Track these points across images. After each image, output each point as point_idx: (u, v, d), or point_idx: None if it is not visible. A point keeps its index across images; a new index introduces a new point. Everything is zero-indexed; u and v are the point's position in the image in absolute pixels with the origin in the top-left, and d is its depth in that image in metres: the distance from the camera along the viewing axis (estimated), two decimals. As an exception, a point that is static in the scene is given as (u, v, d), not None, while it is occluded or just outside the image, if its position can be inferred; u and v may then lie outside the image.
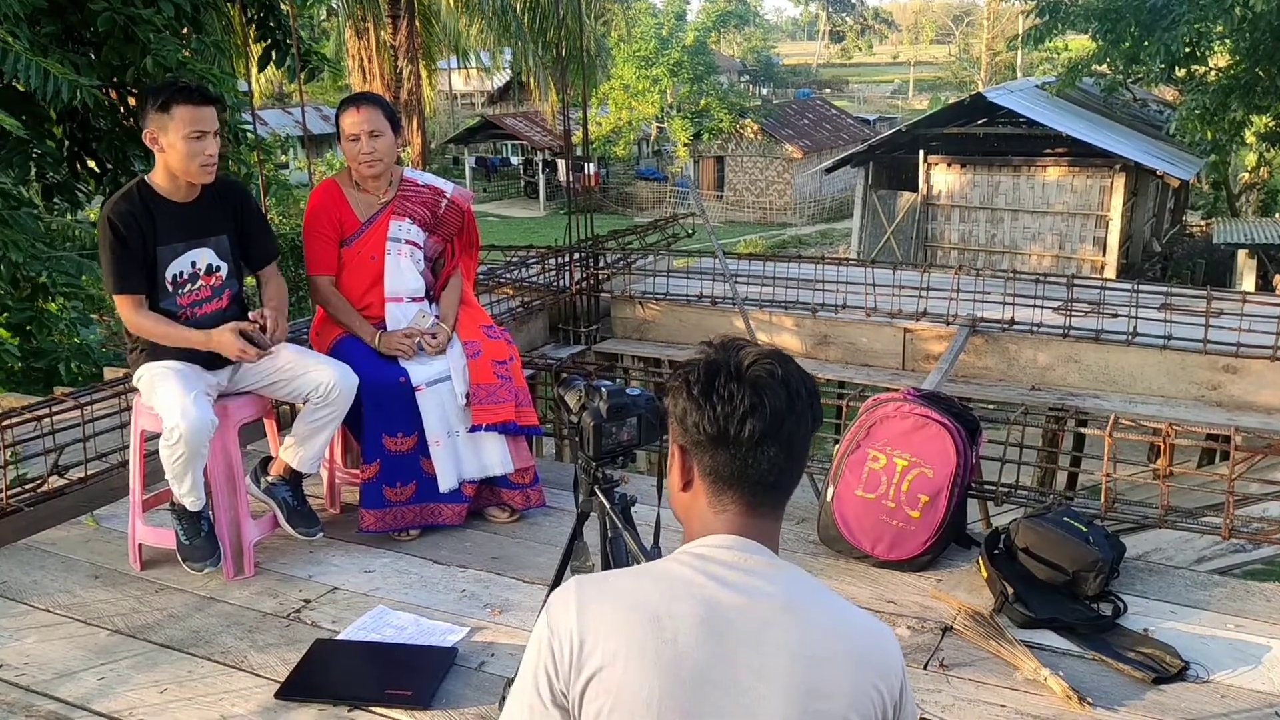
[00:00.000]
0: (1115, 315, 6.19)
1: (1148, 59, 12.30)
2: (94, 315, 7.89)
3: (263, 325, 2.97)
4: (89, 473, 3.67)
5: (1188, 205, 22.25)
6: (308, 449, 3.15)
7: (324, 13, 16.61)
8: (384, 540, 3.34)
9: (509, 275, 7.28)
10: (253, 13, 6.20)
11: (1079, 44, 18.49)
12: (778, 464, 1.29)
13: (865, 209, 20.22)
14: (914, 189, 19.07)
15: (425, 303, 3.53)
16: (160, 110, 2.82)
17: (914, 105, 51.36)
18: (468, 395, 3.36)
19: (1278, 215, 18.97)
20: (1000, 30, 46.18)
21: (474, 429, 3.36)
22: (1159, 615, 2.82)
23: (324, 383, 3.06)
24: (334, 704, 2.44)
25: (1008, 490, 3.57)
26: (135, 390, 3.09)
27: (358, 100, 3.40)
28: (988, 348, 6.30)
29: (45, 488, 3.59)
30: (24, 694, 2.50)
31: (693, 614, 1.23)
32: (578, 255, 7.36)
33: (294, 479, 3.25)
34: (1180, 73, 12.91)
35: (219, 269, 3.06)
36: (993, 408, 5.31)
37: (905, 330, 6.51)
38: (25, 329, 6.03)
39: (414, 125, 14.61)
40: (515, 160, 36.77)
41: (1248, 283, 15.27)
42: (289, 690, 2.49)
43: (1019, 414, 3.82)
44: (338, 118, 3.38)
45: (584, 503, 2.17)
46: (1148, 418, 5.04)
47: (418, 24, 14.35)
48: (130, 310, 2.92)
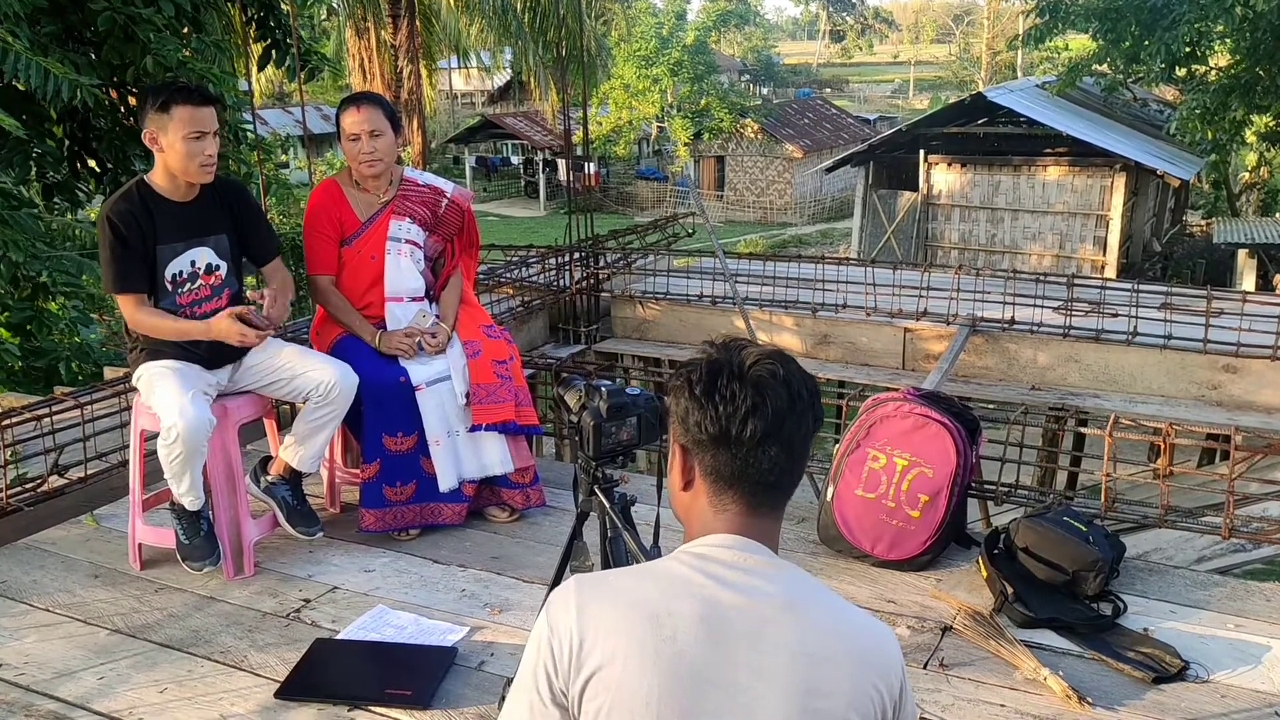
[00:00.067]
0: (1115, 315, 6.19)
1: (1148, 58, 12.29)
2: (94, 315, 7.88)
3: (261, 306, 2.94)
4: (89, 472, 3.67)
5: (1188, 205, 22.24)
6: (308, 448, 3.16)
7: (324, 12, 16.61)
8: (384, 540, 3.34)
9: (509, 275, 7.28)
10: (253, 12, 6.19)
11: (1079, 43, 18.52)
12: (779, 464, 1.29)
13: (865, 208, 20.22)
14: (914, 188, 19.07)
15: (425, 302, 3.53)
16: (160, 110, 2.82)
17: (914, 105, 51.35)
18: (468, 395, 3.36)
19: (1278, 215, 18.96)
20: (1000, 30, 46.16)
21: (474, 428, 3.36)
22: (1159, 615, 2.82)
23: (324, 382, 3.06)
24: (334, 703, 2.44)
25: (1008, 490, 3.57)
26: (135, 390, 3.09)
27: (358, 100, 3.40)
28: (988, 347, 6.30)
29: (45, 487, 3.59)
30: (24, 693, 2.50)
31: (692, 613, 1.23)
32: (578, 255, 7.36)
33: (294, 478, 3.25)
34: (1181, 72, 12.90)
35: (218, 268, 3.06)
36: (993, 407, 5.31)
37: (905, 330, 6.51)
38: (25, 328, 6.03)
39: (414, 125, 14.61)
40: (515, 160, 36.77)
41: (1248, 282, 15.27)
42: (289, 690, 2.49)
43: (1019, 414, 3.82)
44: (338, 117, 3.38)
45: (584, 502, 2.17)
46: (1148, 417, 5.04)
47: (418, 23, 14.35)
48: (132, 308, 2.92)
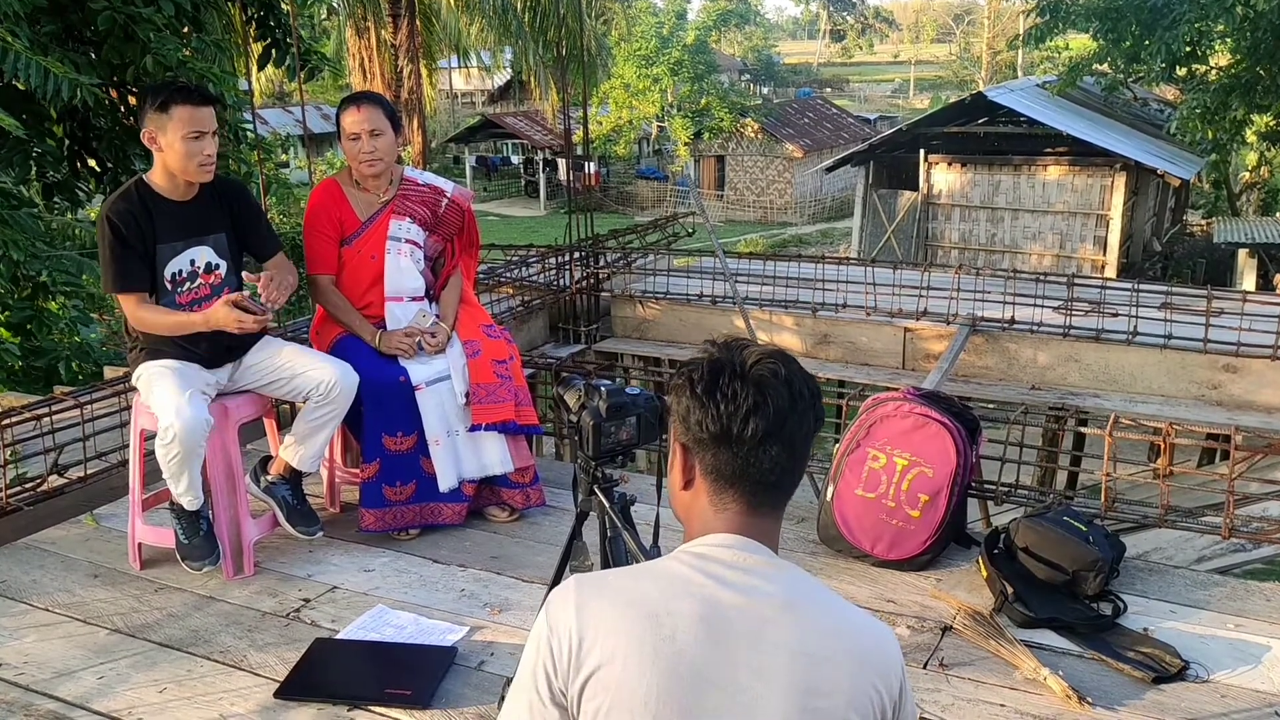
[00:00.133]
0: (1115, 314, 6.18)
1: (1148, 58, 12.29)
2: (94, 314, 7.88)
3: (257, 293, 2.92)
4: (89, 472, 3.67)
5: (1188, 204, 22.22)
6: (307, 448, 3.15)
7: (324, 12, 16.60)
8: (383, 539, 3.34)
9: (509, 274, 7.29)
10: (253, 11, 6.18)
11: (1080, 43, 18.50)
12: (779, 463, 1.29)
13: (866, 208, 20.22)
14: (914, 188, 19.05)
15: (425, 302, 3.52)
16: (159, 110, 2.82)
17: (915, 104, 51.33)
18: (467, 394, 3.36)
19: (1278, 214, 18.95)
20: (1001, 29, 46.15)
21: (474, 428, 3.36)
22: (1159, 615, 2.82)
23: (324, 381, 3.06)
24: (333, 703, 2.44)
25: (1008, 489, 3.57)
26: (135, 389, 3.09)
27: (358, 99, 3.40)
28: (988, 347, 6.30)
29: (45, 487, 3.59)
30: (23, 693, 2.50)
31: (692, 612, 1.23)
32: (578, 254, 7.36)
33: (294, 478, 3.25)
34: (1181, 72, 12.89)
35: (218, 267, 3.06)
36: (993, 407, 5.31)
37: (905, 329, 6.51)
38: (25, 328, 6.03)
39: (414, 124, 14.61)
40: (516, 159, 36.77)
41: (1248, 282, 15.27)
42: (288, 689, 2.49)
43: (1019, 413, 3.82)
44: (338, 116, 3.37)
45: (583, 502, 2.17)
46: (1148, 417, 5.04)
47: (418, 23, 14.35)
48: (133, 306, 2.92)
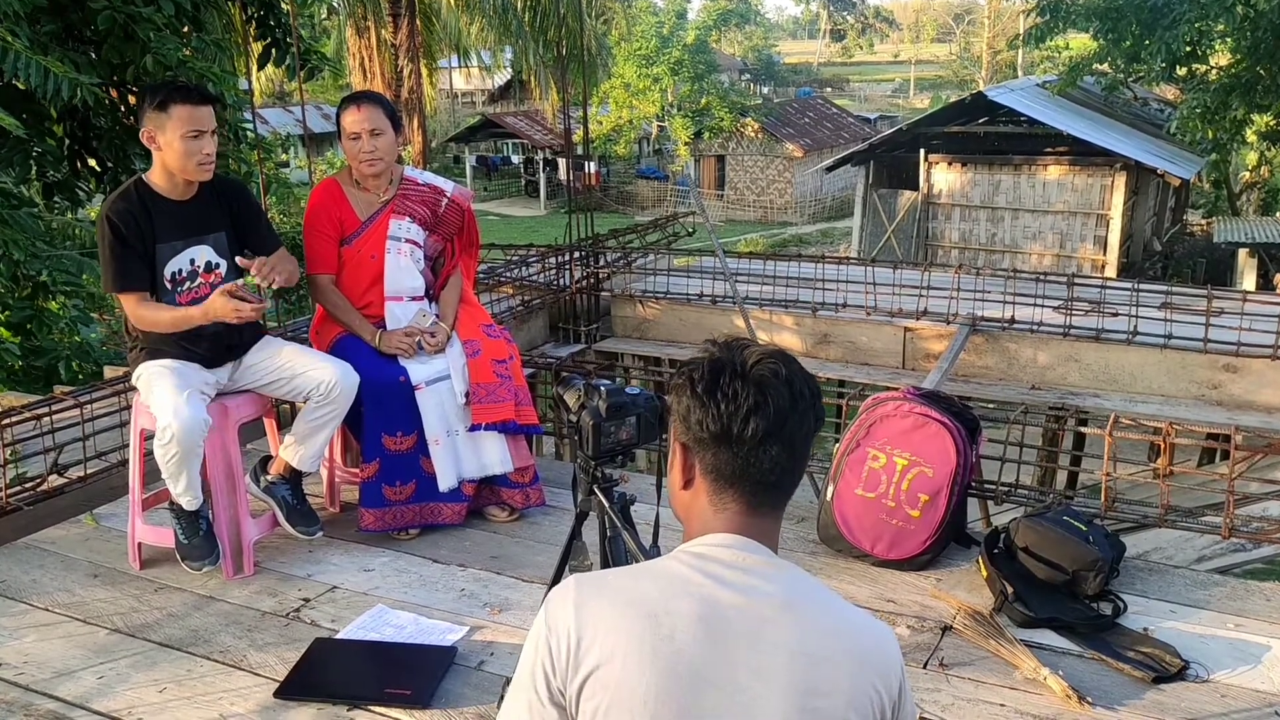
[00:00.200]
0: (1115, 314, 6.18)
1: (1149, 58, 12.28)
2: (94, 314, 7.88)
3: (252, 281, 2.90)
4: (88, 471, 3.67)
5: (1188, 204, 22.21)
6: (307, 448, 3.15)
7: (324, 11, 16.60)
8: (383, 539, 3.34)
9: (509, 274, 7.29)
10: (252, 11, 6.18)
11: (1080, 43, 18.50)
12: (780, 463, 1.29)
13: (866, 208, 20.21)
14: (915, 188, 19.05)
15: (425, 301, 3.52)
16: (157, 109, 2.82)
17: (915, 104, 51.32)
18: (467, 394, 3.36)
19: (1278, 214, 18.94)
20: (1001, 29, 46.14)
21: (473, 428, 3.36)
22: (1159, 614, 2.82)
23: (324, 381, 3.06)
24: (333, 703, 2.44)
25: (1008, 489, 3.57)
26: (135, 389, 3.09)
27: (359, 98, 3.40)
28: (988, 347, 6.30)
29: (45, 486, 3.59)
30: (23, 693, 2.50)
31: (691, 612, 1.23)
32: (578, 254, 7.36)
33: (294, 478, 3.25)
34: (1181, 71, 12.89)
35: (218, 266, 3.05)
36: (993, 407, 5.31)
37: (905, 329, 6.51)
38: (25, 327, 6.02)
39: (414, 124, 14.61)
40: (516, 159, 36.77)
41: (1248, 282, 15.27)
42: (288, 689, 2.49)
43: (1019, 413, 3.82)
44: (339, 116, 3.37)
45: (583, 502, 2.17)
46: (1148, 417, 5.04)
47: (418, 22, 14.35)
48: (133, 305, 2.92)
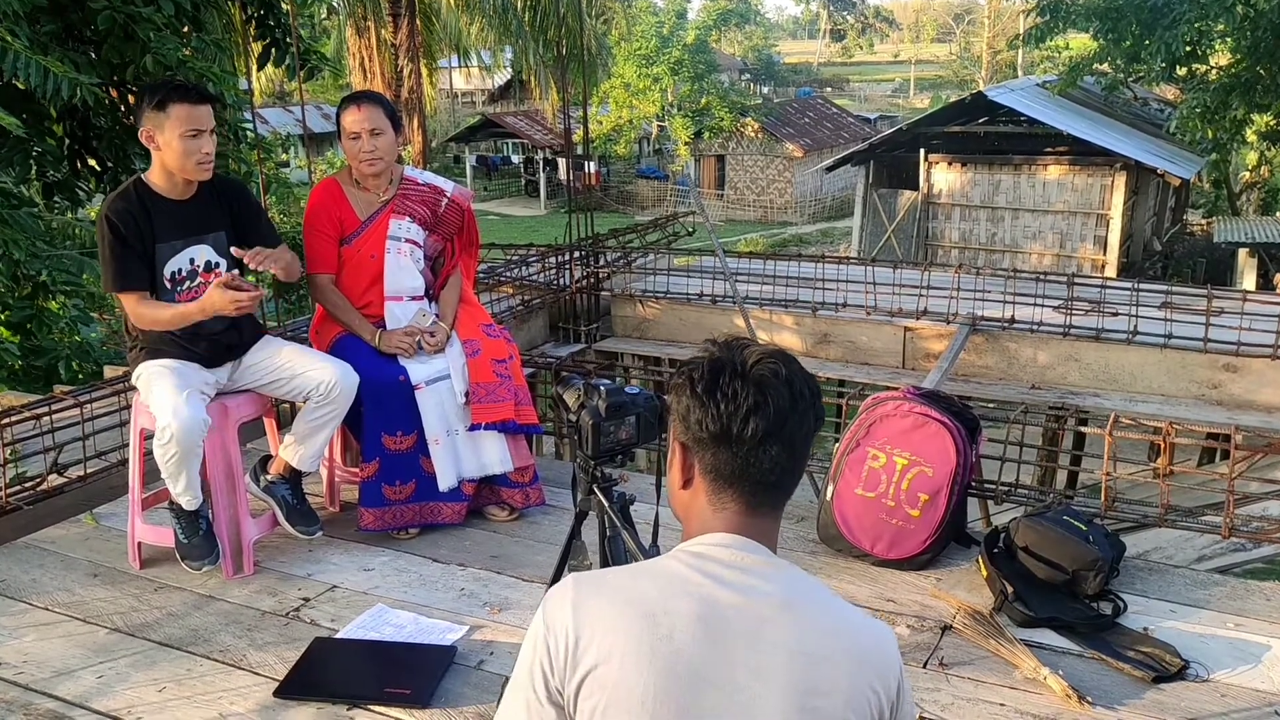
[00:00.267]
0: (1116, 314, 6.19)
1: (1149, 58, 12.28)
2: (94, 313, 7.88)
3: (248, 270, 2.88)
4: (88, 471, 3.67)
5: (1188, 204, 22.21)
6: (307, 447, 3.15)
7: (324, 11, 16.59)
8: (383, 539, 3.34)
9: (509, 274, 7.29)
10: (252, 11, 6.18)
11: (1080, 42, 18.48)
12: (779, 463, 1.29)
13: (866, 207, 20.21)
14: (915, 187, 19.04)
15: (425, 301, 3.52)
16: (156, 109, 2.82)
17: (915, 104, 51.31)
18: (467, 394, 3.35)
19: (1278, 214, 18.94)
20: (1001, 29, 46.12)
21: (473, 428, 3.35)
22: (1159, 614, 2.82)
23: (324, 381, 3.06)
24: (333, 702, 2.44)
25: (1007, 489, 3.57)
26: (134, 389, 3.09)
27: (359, 98, 3.39)
28: (988, 346, 6.30)
29: (44, 486, 3.59)
30: (23, 692, 2.50)
31: (689, 612, 1.23)
32: (578, 254, 7.36)
33: (293, 477, 3.25)
34: (1181, 71, 12.89)
35: (217, 265, 3.05)
36: (993, 406, 5.31)
37: (905, 329, 6.51)
38: (25, 327, 6.02)
39: (414, 124, 14.60)
40: (516, 159, 36.77)
41: (1248, 281, 15.27)
42: (288, 689, 2.49)
43: (1019, 413, 3.82)
44: (339, 116, 3.37)
45: (582, 502, 2.17)
46: (1148, 416, 5.04)
47: (418, 22, 14.34)
48: (133, 304, 2.92)
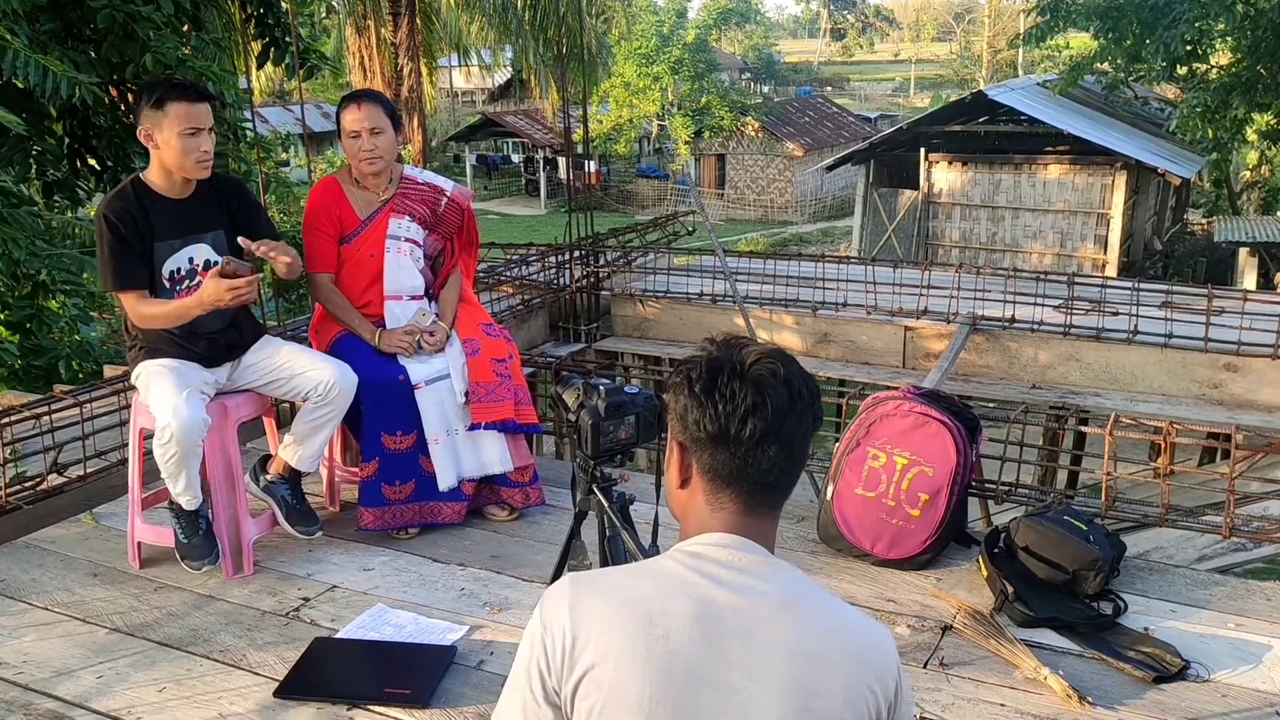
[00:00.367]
0: (1116, 313, 6.19)
1: (1149, 57, 12.27)
2: (94, 313, 7.88)
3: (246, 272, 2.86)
4: (88, 471, 3.67)
5: (1189, 203, 22.20)
6: (307, 447, 3.15)
7: (324, 10, 16.60)
8: (383, 538, 3.33)
9: (509, 273, 7.29)
10: (252, 9, 6.17)
11: (1080, 42, 18.49)
12: (777, 463, 1.28)
13: (866, 207, 20.21)
14: (915, 187, 19.04)
15: (425, 300, 3.52)
16: (154, 107, 2.81)
17: (915, 103, 51.29)
18: (467, 393, 3.35)
19: (1279, 213, 18.93)
20: (1001, 28, 46.08)
21: (473, 427, 3.35)
22: (1159, 614, 2.81)
23: (323, 381, 3.06)
24: (332, 702, 2.44)
25: (1008, 489, 3.57)
26: (134, 388, 3.09)
27: (359, 97, 3.39)
28: (988, 346, 6.30)
29: (44, 486, 3.59)
30: (22, 692, 2.50)
31: (686, 612, 1.23)
32: (578, 253, 7.36)
33: (293, 477, 3.24)
34: (1182, 71, 12.88)
35: (217, 264, 3.04)
36: (993, 406, 5.30)
37: (906, 328, 6.51)
38: (25, 326, 6.02)
39: (414, 123, 14.58)
40: (516, 158, 36.77)
41: (1249, 281, 15.26)
42: (287, 689, 2.49)
43: (1019, 412, 3.81)
44: (339, 115, 3.37)
45: (582, 501, 2.17)
46: (1148, 416, 5.03)
47: (418, 21, 14.32)
48: (133, 302, 2.92)
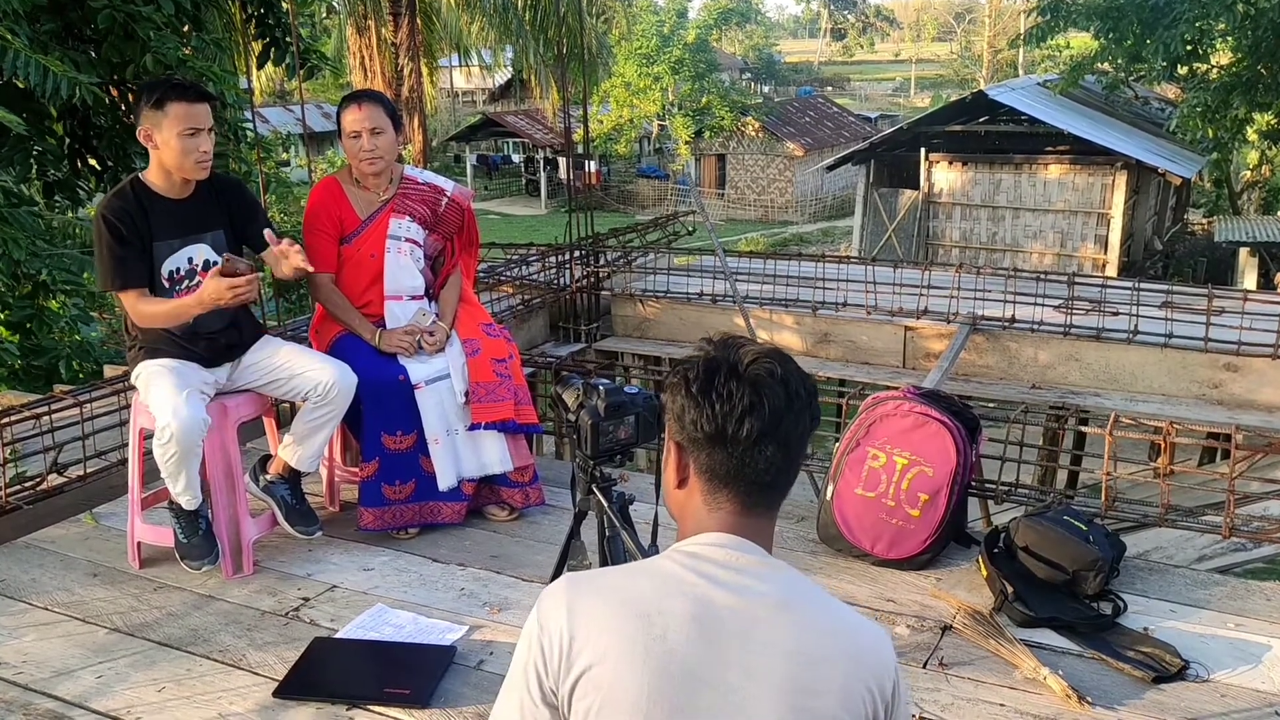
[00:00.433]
0: (1116, 313, 6.19)
1: (1150, 57, 12.26)
2: (94, 313, 7.88)
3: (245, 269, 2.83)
4: (88, 471, 3.67)
5: (1189, 203, 22.19)
6: (306, 447, 3.15)
7: (324, 10, 16.59)
8: (383, 538, 3.34)
9: (509, 273, 7.29)
10: (252, 9, 6.17)
11: (1080, 41, 18.49)
12: (775, 463, 1.28)
13: (866, 207, 20.21)
14: (915, 187, 19.04)
15: (425, 300, 3.52)
16: (154, 107, 2.81)
17: (915, 103, 51.28)
18: (467, 393, 3.35)
19: (1279, 213, 18.93)
20: (1002, 28, 46.06)
21: (473, 427, 3.35)
22: (1159, 614, 2.81)
23: (323, 382, 3.06)
24: (332, 702, 2.44)
25: (1008, 489, 3.57)
26: (134, 388, 3.09)
27: (359, 97, 3.39)
28: (988, 346, 6.29)
29: (44, 486, 3.59)
30: (22, 692, 2.50)
31: (684, 612, 1.23)
32: (578, 253, 7.37)
33: (293, 477, 3.24)
34: (1182, 70, 12.87)
35: (216, 264, 3.04)
36: (993, 406, 5.30)
37: (906, 328, 6.51)
38: (25, 326, 6.02)
39: (415, 123, 14.59)
40: (516, 158, 36.78)
41: (1249, 281, 15.26)
42: (287, 689, 2.49)
43: (1019, 412, 3.81)
44: (339, 115, 3.37)
45: (581, 501, 2.17)
46: (1148, 416, 5.03)
47: (419, 21, 14.33)
48: (133, 301, 2.92)
